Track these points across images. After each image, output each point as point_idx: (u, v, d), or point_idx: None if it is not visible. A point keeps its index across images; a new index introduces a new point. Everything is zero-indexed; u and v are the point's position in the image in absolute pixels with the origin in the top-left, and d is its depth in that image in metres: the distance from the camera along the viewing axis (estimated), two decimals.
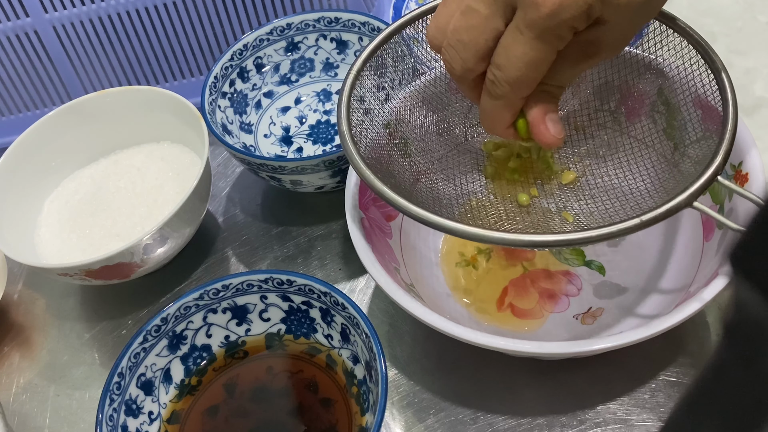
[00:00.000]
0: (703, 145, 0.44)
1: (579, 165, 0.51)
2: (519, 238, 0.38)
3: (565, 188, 0.50)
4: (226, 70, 0.62)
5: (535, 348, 0.41)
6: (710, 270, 0.44)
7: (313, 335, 0.49)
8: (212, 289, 0.48)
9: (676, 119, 0.47)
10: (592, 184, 0.50)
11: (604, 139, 0.51)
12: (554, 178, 0.51)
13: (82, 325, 0.58)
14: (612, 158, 0.50)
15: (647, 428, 0.45)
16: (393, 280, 0.44)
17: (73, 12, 0.65)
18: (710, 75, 0.43)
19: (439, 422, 0.47)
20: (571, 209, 0.49)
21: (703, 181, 0.38)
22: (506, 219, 0.49)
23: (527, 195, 0.50)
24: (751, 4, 0.71)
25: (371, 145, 0.48)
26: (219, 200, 0.64)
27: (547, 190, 0.50)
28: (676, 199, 0.38)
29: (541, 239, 0.38)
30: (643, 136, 0.49)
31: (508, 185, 0.51)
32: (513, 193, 0.51)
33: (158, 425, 0.46)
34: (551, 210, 0.49)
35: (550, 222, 0.48)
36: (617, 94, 0.50)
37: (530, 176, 0.51)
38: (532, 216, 0.49)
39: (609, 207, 0.47)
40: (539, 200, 0.50)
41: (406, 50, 0.59)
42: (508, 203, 0.50)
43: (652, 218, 0.37)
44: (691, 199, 0.38)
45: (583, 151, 0.52)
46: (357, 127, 0.46)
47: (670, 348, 0.48)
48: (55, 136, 0.61)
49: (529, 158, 0.52)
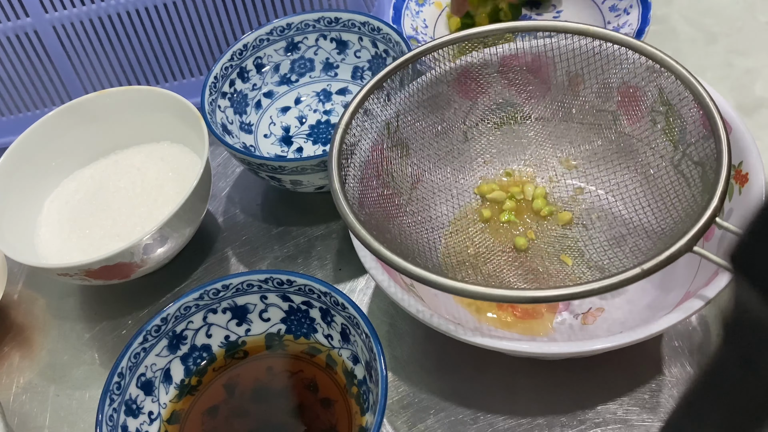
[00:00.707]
0: (704, 146, 0.44)
1: (574, 204, 0.52)
2: (520, 294, 0.38)
3: (562, 229, 0.51)
4: (226, 70, 0.62)
5: (535, 348, 0.41)
6: (710, 270, 0.44)
7: (313, 335, 0.49)
8: (212, 289, 0.48)
9: (676, 119, 0.47)
10: (588, 224, 0.51)
11: (597, 175, 0.52)
12: (550, 219, 0.52)
13: (82, 325, 0.58)
14: (607, 195, 0.51)
15: (647, 428, 0.45)
16: (393, 281, 0.44)
17: (73, 12, 0.65)
18: (700, 111, 0.44)
19: (439, 422, 0.47)
20: (569, 252, 0.50)
21: (700, 225, 0.39)
22: (505, 265, 0.50)
23: (525, 238, 0.51)
24: (751, 4, 0.71)
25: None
26: (219, 200, 0.64)
27: (544, 232, 0.51)
28: (675, 245, 0.38)
29: (542, 295, 0.38)
30: (642, 136, 0.50)
31: (504, 229, 0.52)
32: (510, 237, 0.51)
33: (158, 425, 0.46)
34: (549, 252, 0.50)
35: (550, 266, 0.49)
36: (616, 95, 0.50)
37: (526, 218, 0.52)
38: (531, 260, 0.50)
39: (608, 248, 0.48)
40: (536, 243, 0.51)
41: (406, 50, 0.59)
42: (506, 248, 0.51)
43: (653, 266, 0.38)
44: (690, 243, 0.38)
45: (578, 189, 0.53)
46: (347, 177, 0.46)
47: (671, 348, 0.48)
48: (55, 136, 0.61)
49: (524, 199, 0.53)
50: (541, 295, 0.38)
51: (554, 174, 0.54)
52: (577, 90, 0.51)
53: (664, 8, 0.72)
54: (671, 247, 0.38)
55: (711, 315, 0.49)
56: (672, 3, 0.72)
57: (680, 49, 0.68)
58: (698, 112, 0.44)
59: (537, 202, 0.53)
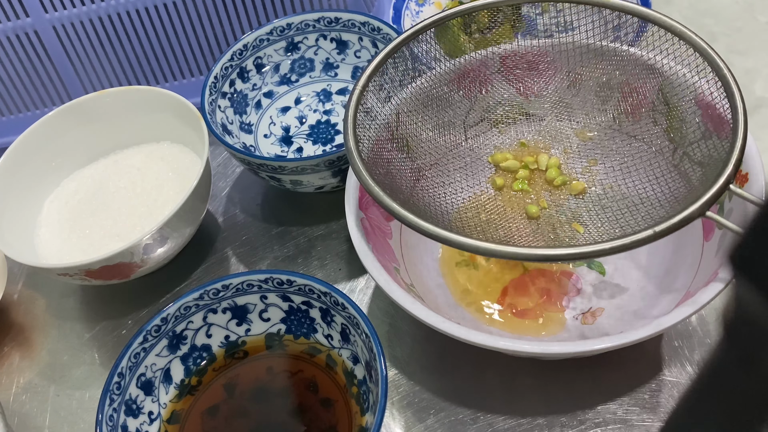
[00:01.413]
0: (704, 146, 0.44)
1: (588, 175, 0.52)
2: (531, 252, 0.38)
3: (575, 199, 0.50)
4: (226, 70, 0.62)
5: (535, 348, 0.41)
6: (710, 270, 0.44)
7: (313, 335, 0.49)
8: (212, 289, 0.48)
9: (677, 119, 0.47)
10: (601, 194, 0.50)
11: (612, 147, 0.51)
12: (563, 189, 0.51)
13: (82, 325, 0.58)
14: (621, 167, 0.50)
15: (647, 428, 0.45)
16: (393, 280, 0.44)
17: (73, 12, 0.65)
18: (717, 83, 0.43)
19: (439, 422, 0.47)
20: (581, 220, 0.49)
21: (715, 190, 0.38)
22: (516, 231, 0.49)
23: (537, 206, 0.50)
24: (751, 4, 0.71)
25: (371, 145, 0.48)
26: (219, 200, 0.64)
27: (557, 201, 0.51)
28: (688, 209, 0.38)
29: (553, 253, 0.38)
30: (644, 136, 0.50)
31: (516, 197, 0.51)
32: (522, 205, 0.51)
33: (158, 425, 0.46)
34: (561, 221, 0.50)
35: (561, 234, 0.49)
36: (618, 95, 0.50)
37: (538, 187, 0.51)
38: (542, 227, 0.49)
39: (620, 217, 0.47)
40: (548, 211, 0.50)
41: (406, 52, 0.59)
42: (518, 215, 0.50)
43: (666, 229, 0.37)
44: (703, 208, 0.38)
45: (591, 161, 0.52)
46: (362, 139, 0.47)
47: (670, 348, 0.48)
48: (55, 136, 0.61)
49: (537, 169, 0.53)
50: (551, 253, 0.38)
51: (569, 145, 0.53)
52: (578, 89, 0.51)
53: (664, 8, 0.72)
54: (684, 210, 0.38)
55: (711, 315, 0.49)
56: (672, 3, 0.72)
57: None
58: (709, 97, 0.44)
59: (551, 171, 0.52)
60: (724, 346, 0.22)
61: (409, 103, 0.51)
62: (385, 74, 0.49)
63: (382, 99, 0.50)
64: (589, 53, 0.50)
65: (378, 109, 0.49)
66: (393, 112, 0.50)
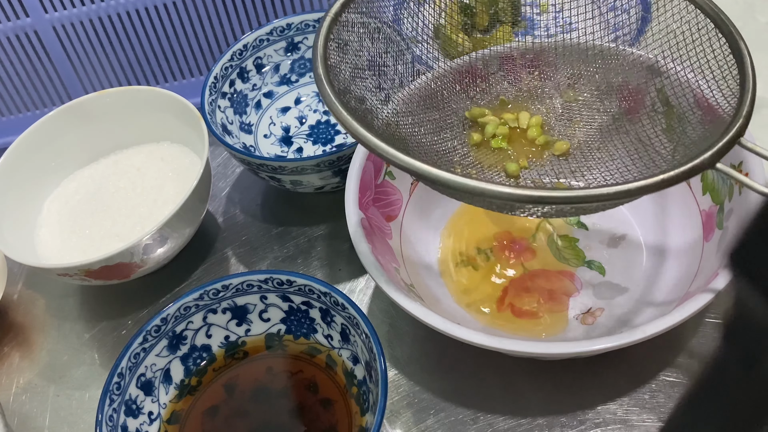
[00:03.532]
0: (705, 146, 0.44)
1: (572, 135, 0.48)
2: (524, 192, 0.34)
3: (558, 160, 0.47)
4: (226, 71, 0.62)
5: (535, 348, 0.41)
6: (710, 270, 0.44)
7: (313, 335, 0.49)
8: (212, 290, 0.48)
9: (676, 119, 0.47)
10: (587, 155, 0.47)
11: (600, 108, 0.49)
12: (545, 149, 0.48)
13: (82, 325, 0.58)
14: (609, 128, 0.47)
15: (647, 428, 0.45)
16: (393, 281, 0.44)
17: (73, 12, 0.65)
18: (721, 39, 0.41)
19: (439, 422, 0.47)
20: (565, 181, 0.46)
21: (726, 140, 0.36)
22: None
23: (516, 164, 0.47)
24: (751, 4, 0.71)
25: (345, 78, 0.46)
26: (219, 200, 0.64)
27: (539, 161, 0.47)
28: (699, 157, 0.35)
29: (548, 194, 0.34)
30: (642, 136, 0.49)
31: (494, 154, 0.48)
32: (500, 163, 0.47)
33: (158, 425, 0.46)
34: (543, 181, 0.46)
35: None
36: (617, 93, 0.50)
37: (518, 146, 0.48)
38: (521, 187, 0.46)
39: (609, 179, 0.44)
40: (529, 172, 0.47)
41: (405, 49, 0.59)
42: (495, 173, 0.47)
43: (675, 176, 0.34)
44: (714, 158, 0.35)
45: (577, 121, 0.49)
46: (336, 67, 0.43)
47: (670, 348, 0.48)
48: (55, 136, 0.61)
49: (517, 127, 0.49)
50: (548, 194, 0.34)
51: (552, 105, 0.50)
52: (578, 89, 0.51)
53: None
54: (695, 159, 0.35)
55: (711, 315, 0.49)
56: None
57: None
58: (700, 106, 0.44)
59: (532, 130, 0.48)
60: (724, 346, 0.22)
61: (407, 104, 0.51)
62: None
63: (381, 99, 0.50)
64: (589, 53, 0.50)
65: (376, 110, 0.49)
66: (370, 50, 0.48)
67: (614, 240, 0.53)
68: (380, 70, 0.49)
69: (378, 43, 0.49)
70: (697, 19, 0.43)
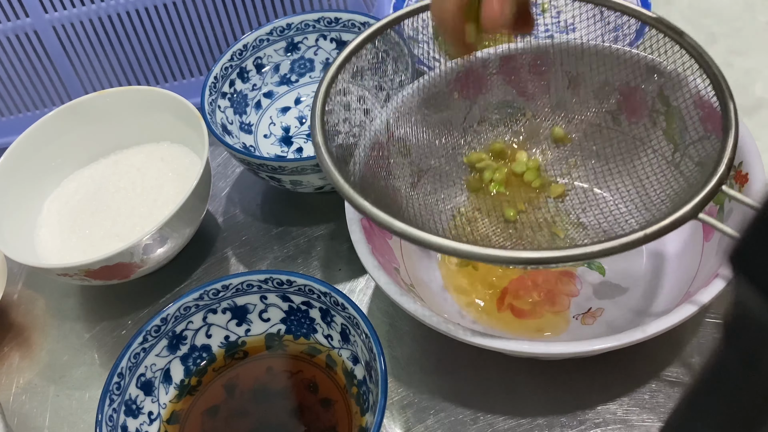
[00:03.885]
0: (704, 145, 0.44)
1: (567, 177, 0.50)
2: (514, 255, 0.36)
3: (554, 202, 0.49)
4: (226, 71, 0.62)
5: (535, 348, 0.41)
6: (710, 270, 0.44)
7: (312, 335, 0.49)
8: (212, 290, 0.48)
9: (676, 119, 0.47)
10: (582, 197, 0.49)
11: (593, 149, 0.50)
12: (542, 192, 0.50)
13: (82, 325, 0.58)
14: (602, 169, 0.49)
15: (647, 428, 0.45)
16: (393, 281, 0.44)
17: (73, 12, 0.65)
18: (706, 81, 0.43)
19: (439, 422, 0.47)
20: (561, 225, 0.48)
21: (707, 190, 0.37)
22: (493, 236, 0.48)
23: (514, 210, 0.49)
24: (751, 5, 0.71)
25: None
26: (219, 200, 0.64)
27: (535, 205, 0.49)
28: (681, 210, 0.36)
29: (538, 256, 0.35)
30: (643, 136, 0.49)
31: (492, 200, 0.49)
32: (499, 209, 0.49)
33: (158, 425, 0.46)
34: (540, 226, 0.48)
35: (540, 239, 0.47)
36: (617, 95, 0.50)
37: (515, 190, 0.50)
38: (519, 232, 0.48)
39: (602, 221, 0.46)
40: (527, 215, 0.49)
41: (406, 50, 0.59)
42: (494, 219, 0.48)
43: (656, 231, 0.35)
44: (696, 210, 0.36)
45: (572, 162, 0.51)
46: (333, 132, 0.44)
47: (670, 348, 0.48)
48: (55, 136, 0.61)
49: (514, 172, 0.51)
50: (536, 256, 0.35)
51: (547, 147, 0.52)
52: (578, 89, 0.51)
53: (664, 8, 0.72)
54: (676, 212, 0.36)
55: (711, 315, 0.49)
56: (672, 3, 0.72)
57: None
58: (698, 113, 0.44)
59: (528, 174, 0.50)
60: (724, 346, 0.22)
61: (407, 105, 0.51)
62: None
63: (381, 99, 0.50)
64: (589, 53, 0.50)
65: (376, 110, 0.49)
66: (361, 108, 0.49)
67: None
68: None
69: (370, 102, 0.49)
70: (683, 59, 0.44)
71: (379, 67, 0.50)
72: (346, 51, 0.46)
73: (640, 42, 0.62)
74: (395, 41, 0.61)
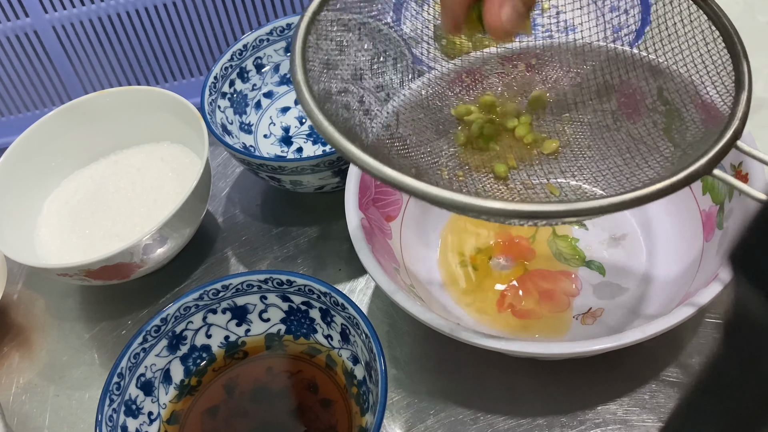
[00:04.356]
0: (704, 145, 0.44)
1: (562, 133, 0.47)
2: (511, 207, 0.33)
3: (548, 159, 0.46)
4: (225, 71, 0.62)
5: (535, 348, 0.41)
6: (710, 270, 0.44)
7: (312, 336, 0.49)
8: (212, 290, 0.48)
9: (677, 119, 0.47)
10: (578, 153, 0.46)
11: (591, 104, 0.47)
12: (534, 147, 0.47)
13: (82, 325, 0.58)
14: (599, 125, 0.46)
15: (647, 428, 0.45)
16: (393, 281, 0.44)
17: (73, 12, 0.65)
18: (715, 32, 0.40)
19: (439, 422, 0.47)
20: (556, 182, 0.45)
21: (723, 143, 0.35)
22: (482, 191, 0.45)
23: (505, 165, 0.46)
24: (751, 4, 0.71)
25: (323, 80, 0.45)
26: (219, 200, 0.64)
27: (527, 161, 0.46)
28: (695, 164, 0.34)
29: (539, 209, 0.33)
30: (642, 135, 0.49)
31: (482, 154, 0.47)
32: (488, 164, 0.46)
33: (158, 425, 0.46)
34: (533, 182, 0.45)
35: (534, 197, 0.44)
36: (616, 94, 0.50)
37: (506, 145, 0.47)
38: (511, 189, 0.45)
39: (600, 180, 0.43)
40: (518, 172, 0.46)
41: (406, 51, 0.59)
42: (483, 175, 0.46)
43: (670, 185, 0.33)
44: (710, 165, 0.34)
45: (566, 117, 0.48)
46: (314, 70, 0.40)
47: (670, 348, 0.48)
48: (55, 136, 0.61)
49: (505, 125, 0.48)
50: (539, 209, 0.32)
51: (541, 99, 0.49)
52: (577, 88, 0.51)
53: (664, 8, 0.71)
54: (691, 165, 0.33)
55: (711, 315, 0.49)
56: None
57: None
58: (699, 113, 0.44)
59: (520, 128, 0.47)
60: (724, 346, 0.22)
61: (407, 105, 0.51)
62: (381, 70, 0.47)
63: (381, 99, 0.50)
64: (589, 54, 0.50)
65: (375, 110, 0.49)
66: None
67: (614, 240, 0.53)
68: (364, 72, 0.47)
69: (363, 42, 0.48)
70: (691, 14, 0.42)
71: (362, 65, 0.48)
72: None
73: (640, 42, 0.62)
74: (395, 41, 0.61)
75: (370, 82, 0.48)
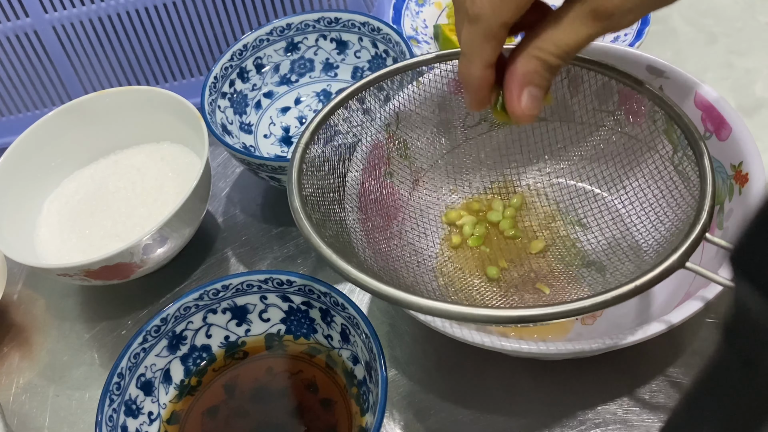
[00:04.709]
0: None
1: (546, 232, 0.51)
2: (503, 314, 0.35)
3: (536, 257, 0.50)
4: (226, 71, 0.62)
5: (535, 348, 0.41)
6: (710, 270, 0.44)
7: (312, 336, 0.49)
8: (212, 290, 0.48)
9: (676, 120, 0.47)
10: (563, 252, 0.49)
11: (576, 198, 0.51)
12: (522, 249, 0.51)
13: (82, 325, 0.58)
14: (581, 221, 0.50)
15: (647, 428, 0.45)
16: (393, 281, 0.44)
17: (73, 12, 0.65)
18: (687, 147, 0.42)
19: (439, 422, 0.47)
20: (545, 280, 0.49)
21: (692, 239, 0.37)
22: (477, 295, 0.48)
23: (497, 267, 0.50)
24: (751, 5, 0.71)
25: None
26: (219, 200, 0.64)
27: (517, 261, 0.50)
28: (668, 260, 0.36)
29: (528, 314, 0.34)
30: (643, 137, 0.49)
31: (474, 258, 0.50)
32: (481, 267, 0.50)
33: (158, 426, 0.46)
34: (524, 281, 0.48)
35: (526, 296, 0.48)
36: (617, 95, 0.50)
37: (496, 245, 0.50)
38: (503, 290, 0.48)
39: (587, 275, 0.47)
40: (509, 272, 0.49)
41: (406, 50, 0.59)
42: (476, 279, 0.49)
43: (647, 282, 0.36)
44: (683, 259, 0.36)
45: (549, 217, 0.52)
46: (311, 199, 0.42)
47: (670, 348, 0.48)
48: (55, 136, 0.61)
49: (494, 226, 0.52)
50: (527, 313, 0.34)
51: (529, 194, 0.53)
52: (577, 89, 0.51)
53: (664, 8, 0.71)
54: (663, 263, 0.36)
55: (711, 315, 0.49)
56: (672, 4, 0.72)
57: (680, 50, 0.68)
58: None
59: (504, 222, 0.52)
60: (724, 347, 0.22)
61: (407, 105, 0.51)
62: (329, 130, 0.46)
63: (381, 100, 0.50)
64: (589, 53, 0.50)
65: (375, 110, 0.49)
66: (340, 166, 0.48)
67: (614, 240, 0.53)
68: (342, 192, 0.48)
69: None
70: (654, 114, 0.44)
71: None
72: (322, 113, 0.45)
73: (640, 42, 0.62)
74: (395, 41, 0.61)
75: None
